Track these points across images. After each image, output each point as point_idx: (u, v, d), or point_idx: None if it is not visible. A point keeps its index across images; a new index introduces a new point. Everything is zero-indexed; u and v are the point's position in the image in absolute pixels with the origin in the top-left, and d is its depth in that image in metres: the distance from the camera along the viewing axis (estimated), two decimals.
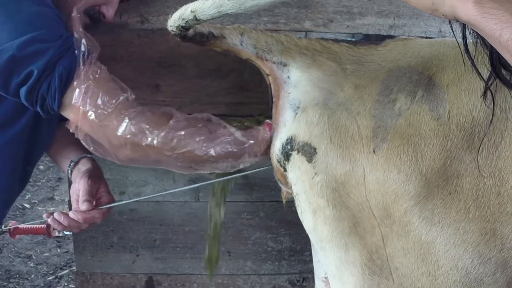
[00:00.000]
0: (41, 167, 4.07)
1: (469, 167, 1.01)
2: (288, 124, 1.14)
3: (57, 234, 1.53)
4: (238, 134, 1.24)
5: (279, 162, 1.17)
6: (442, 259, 1.03)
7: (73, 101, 1.19)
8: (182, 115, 1.24)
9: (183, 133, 1.21)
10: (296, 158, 1.11)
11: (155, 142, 1.19)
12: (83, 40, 1.21)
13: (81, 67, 1.19)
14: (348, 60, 1.14)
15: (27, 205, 3.66)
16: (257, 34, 1.17)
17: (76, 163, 1.44)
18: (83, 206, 1.34)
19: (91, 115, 1.19)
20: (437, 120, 1.02)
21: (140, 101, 1.59)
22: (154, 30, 1.57)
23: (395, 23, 1.61)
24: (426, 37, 1.61)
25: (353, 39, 1.82)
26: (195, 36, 1.13)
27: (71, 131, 1.24)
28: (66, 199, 3.19)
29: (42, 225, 1.50)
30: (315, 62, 1.14)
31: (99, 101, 1.19)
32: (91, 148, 1.25)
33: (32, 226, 1.53)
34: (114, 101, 1.20)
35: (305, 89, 1.13)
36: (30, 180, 4.10)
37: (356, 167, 1.05)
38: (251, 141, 1.23)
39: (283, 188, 1.27)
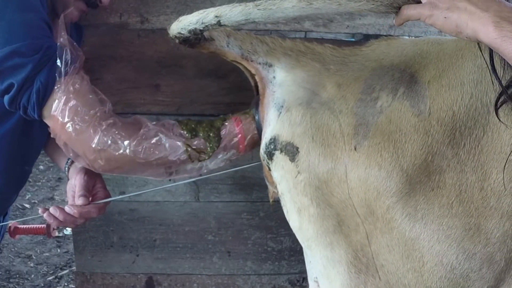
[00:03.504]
0: (41, 167, 4.08)
1: (452, 162, 1.01)
2: (272, 124, 1.15)
3: (57, 234, 1.53)
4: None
5: (263, 160, 1.18)
6: (427, 255, 1.03)
7: (52, 111, 1.22)
8: (151, 123, 1.27)
9: (153, 141, 1.23)
10: (280, 158, 1.12)
11: (127, 151, 1.22)
12: (67, 49, 1.21)
13: (63, 77, 1.21)
14: (332, 61, 1.15)
15: (27, 205, 3.67)
16: (242, 35, 1.18)
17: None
18: (79, 201, 1.34)
19: (69, 128, 1.22)
20: (417, 116, 1.03)
21: (140, 101, 1.60)
22: (154, 30, 1.57)
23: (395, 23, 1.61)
24: None
25: (353, 39, 1.82)
26: (192, 39, 1.14)
27: (52, 136, 1.27)
28: (66, 199, 3.19)
29: (42, 225, 1.50)
30: (299, 63, 1.15)
31: (77, 114, 1.21)
32: (71, 155, 1.28)
33: (32, 226, 1.53)
34: (91, 113, 1.22)
35: (289, 89, 1.14)
36: (30, 180, 4.12)
37: (338, 165, 1.06)
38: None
39: (270, 187, 1.27)
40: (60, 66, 1.21)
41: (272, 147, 1.13)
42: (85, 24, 1.52)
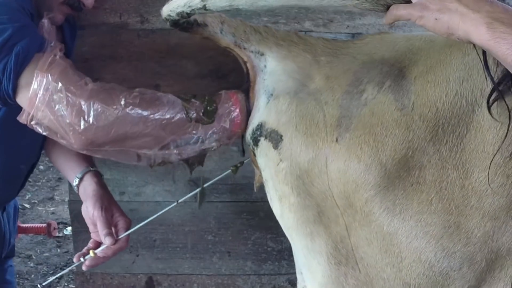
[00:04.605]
0: (41, 167, 4.08)
1: (433, 158, 1.00)
2: (260, 110, 1.16)
3: (57, 234, 1.53)
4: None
5: (249, 145, 1.19)
6: (405, 251, 1.02)
7: (30, 94, 1.15)
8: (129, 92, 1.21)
9: (150, 95, 1.21)
10: (264, 144, 1.13)
11: (120, 108, 1.16)
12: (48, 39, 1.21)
13: (46, 50, 1.18)
14: (323, 52, 1.16)
15: (27, 205, 3.67)
16: (236, 23, 1.20)
17: (81, 179, 1.42)
18: (107, 241, 1.34)
19: (50, 99, 1.15)
20: (400, 110, 1.02)
21: None
22: (154, 30, 1.57)
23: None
24: None
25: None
26: (183, 23, 1.16)
27: (21, 121, 1.19)
28: (66, 199, 3.19)
29: (43, 225, 1.50)
30: (291, 53, 1.16)
31: (56, 95, 1.15)
32: (47, 133, 1.20)
33: (33, 225, 1.53)
34: (73, 92, 1.16)
35: (279, 78, 1.15)
36: (30, 180, 4.12)
37: (319, 155, 1.06)
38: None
39: (257, 171, 1.27)
40: (44, 45, 1.18)
41: (258, 133, 1.15)
42: (85, 24, 1.53)
